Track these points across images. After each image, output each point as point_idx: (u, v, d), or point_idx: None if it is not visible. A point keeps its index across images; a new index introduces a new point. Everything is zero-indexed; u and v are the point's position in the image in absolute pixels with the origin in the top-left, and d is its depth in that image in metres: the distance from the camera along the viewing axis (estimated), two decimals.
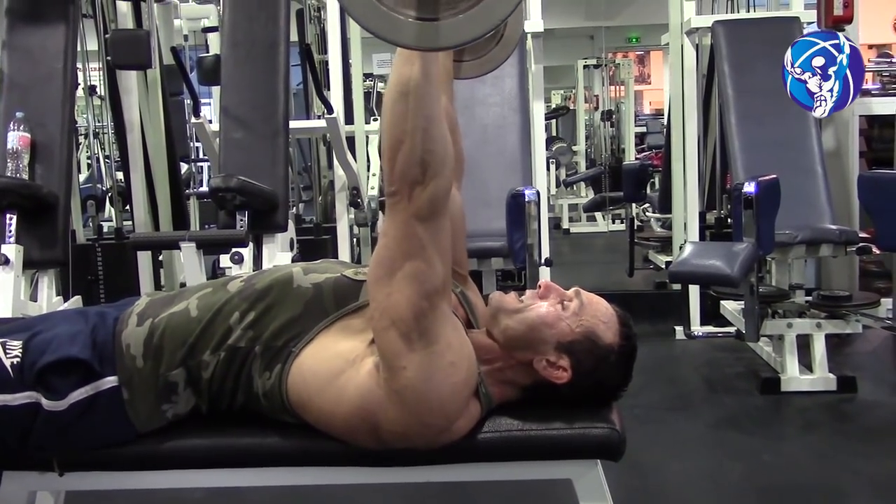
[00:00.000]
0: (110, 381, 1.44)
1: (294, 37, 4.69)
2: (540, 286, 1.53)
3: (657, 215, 6.38)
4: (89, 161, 7.45)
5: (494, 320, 1.52)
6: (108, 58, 3.91)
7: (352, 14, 1.14)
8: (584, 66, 10.75)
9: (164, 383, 1.46)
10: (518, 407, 1.53)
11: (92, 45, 4.66)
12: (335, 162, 4.44)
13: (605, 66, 10.58)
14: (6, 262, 3.13)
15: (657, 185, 7.34)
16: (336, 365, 1.42)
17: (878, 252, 3.85)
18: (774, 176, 3.44)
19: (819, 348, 3.54)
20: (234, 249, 3.29)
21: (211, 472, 1.51)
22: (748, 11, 5.12)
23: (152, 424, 1.48)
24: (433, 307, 1.34)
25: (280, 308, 1.48)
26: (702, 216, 4.78)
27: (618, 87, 10.87)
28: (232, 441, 1.50)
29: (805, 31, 4.45)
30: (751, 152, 4.11)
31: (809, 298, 3.77)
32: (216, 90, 4.79)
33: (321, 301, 1.49)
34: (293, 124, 3.97)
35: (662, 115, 11.77)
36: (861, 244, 3.76)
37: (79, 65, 4.34)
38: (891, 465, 2.81)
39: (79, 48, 4.00)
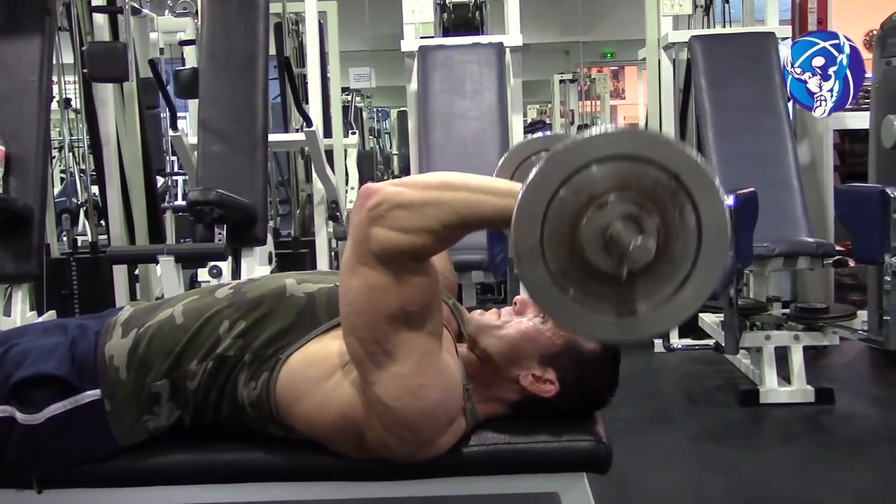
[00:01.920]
0: (91, 394, 1.42)
1: (272, 50, 4.68)
2: (515, 302, 1.53)
3: None
4: (63, 174, 7.38)
5: (475, 340, 1.51)
6: (84, 70, 3.87)
7: (550, 313, 1.16)
8: (560, 81, 10.82)
9: (147, 395, 1.44)
10: (504, 420, 1.52)
11: (68, 57, 4.62)
12: (314, 175, 4.43)
13: (581, 80, 10.66)
14: None
15: None
16: (326, 368, 1.40)
17: (853, 265, 3.88)
18: (752, 189, 3.46)
19: (797, 360, 3.56)
20: (211, 263, 3.26)
21: (194, 487, 1.49)
22: (724, 27, 5.18)
23: (134, 438, 1.46)
24: (396, 331, 1.30)
25: (272, 317, 1.47)
26: None
27: (593, 102, 10.94)
28: (215, 456, 1.48)
29: (780, 47, 4.50)
30: (728, 166, 4.14)
31: (787, 311, 3.79)
32: (193, 103, 4.76)
33: (314, 310, 1.48)
34: (271, 137, 3.95)
35: None
36: (837, 257, 3.79)
37: (54, 77, 4.30)
38: (869, 476, 2.83)
39: (54, 61, 3.97)
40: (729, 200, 3.26)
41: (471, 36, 4.91)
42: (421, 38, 4.87)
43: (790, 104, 4.61)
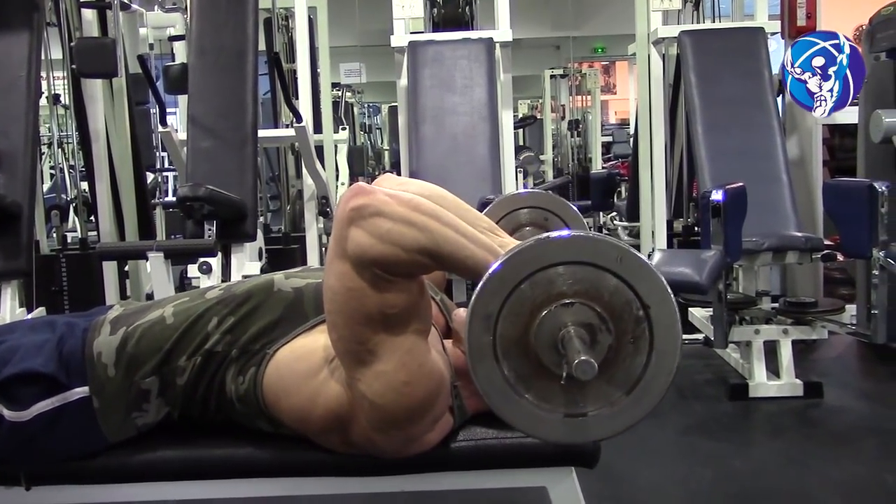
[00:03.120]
0: (79, 391, 1.42)
1: (262, 45, 4.67)
2: None
3: (625, 224, 6.43)
4: (53, 171, 7.35)
5: (461, 335, 1.51)
6: (73, 66, 3.86)
7: (495, 408, 1.16)
8: (551, 76, 10.82)
9: (136, 392, 1.43)
10: (492, 415, 1.52)
11: (56, 53, 4.60)
12: (304, 171, 4.43)
13: (572, 75, 10.66)
14: None
15: (624, 194, 7.39)
16: (314, 362, 1.40)
17: (842, 259, 3.90)
18: (741, 184, 3.47)
19: (786, 354, 3.58)
20: (202, 259, 3.26)
21: (183, 483, 1.49)
22: (714, 22, 5.19)
23: (123, 434, 1.46)
24: (375, 332, 1.29)
25: (259, 312, 1.46)
26: (669, 224, 4.83)
27: (584, 97, 10.95)
28: (204, 452, 1.48)
29: (769, 42, 4.52)
30: (717, 161, 4.15)
31: (775, 305, 3.81)
32: (183, 99, 4.75)
33: (301, 305, 1.48)
34: (261, 133, 3.95)
35: (628, 124, 11.89)
36: (826, 251, 3.81)
37: (43, 73, 4.29)
38: (857, 469, 2.85)
39: (43, 56, 3.95)
40: (718, 196, 3.28)
41: (461, 31, 4.91)
42: (411, 33, 4.87)
43: (779, 99, 4.63)
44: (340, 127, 5.08)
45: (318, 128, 4.69)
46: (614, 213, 6.75)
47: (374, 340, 1.29)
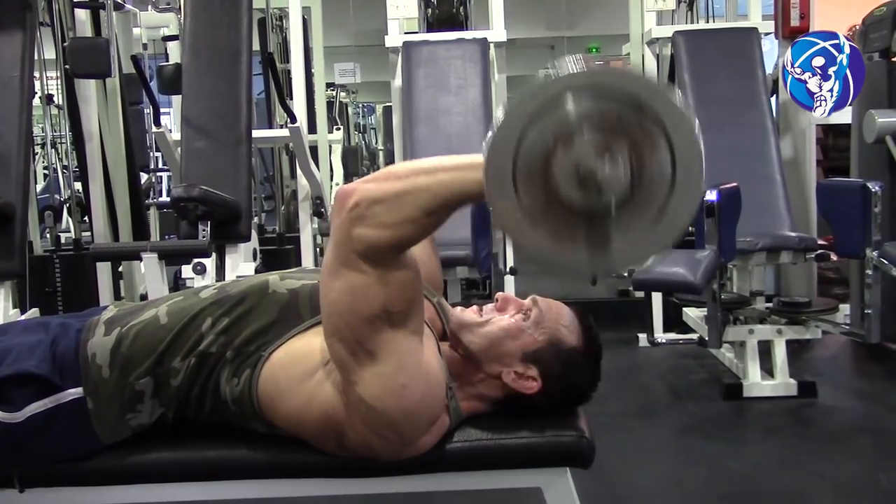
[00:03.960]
0: (73, 392, 1.41)
1: (256, 45, 4.67)
2: (497, 299, 1.53)
3: None
4: (46, 171, 7.33)
5: (457, 337, 1.51)
6: (67, 66, 3.86)
7: (526, 253, 1.14)
8: (545, 69, 10.80)
9: (130, 393, 1.43)
10: (487, 416, 1.52)
11: (49, 53, 4.60)
12: (298, 171, 4.42)
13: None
14: None
15: None
16: (309, 365, 1.40)
17: (836, 259, 3.91)
18: (735, 184, 3.48)
19: (780, 354, 3.58)
20: (196, 260, 3.25)
21: (178, 485, 1.49)
22: (707, 22, 5.19)
23: (117, 435, 1.45)
24: (377, 331, 1.29)
25: (254, 314, 1.46)
26: None
27: None
28: (198, 453, 1.48)
29: (762, 42, 4.53)
30: (711, 161, 4.01)
31: (770, 305, 3.81)
32: (177, 99, 4.74)
33: (296, 307, 1.47)
34: (256, 133, 3.94)
35: None
36: (820, 251, 3.81)
37: (36, 73, 4.28)
38: (851, 468, 2.86)
39: (36, 56, 3.94)
40: (712, 196, 3.29)
41: (455, 31, 4.91)
42: (405, 33, 4.87)
43: (773, 99, 4.64)
44: (335, 127, 5.08)
45: (312, 128, 4.69)
46: None
47: (374, 341, 1.29)
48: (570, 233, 1.12)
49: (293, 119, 3.91)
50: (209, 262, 3.26)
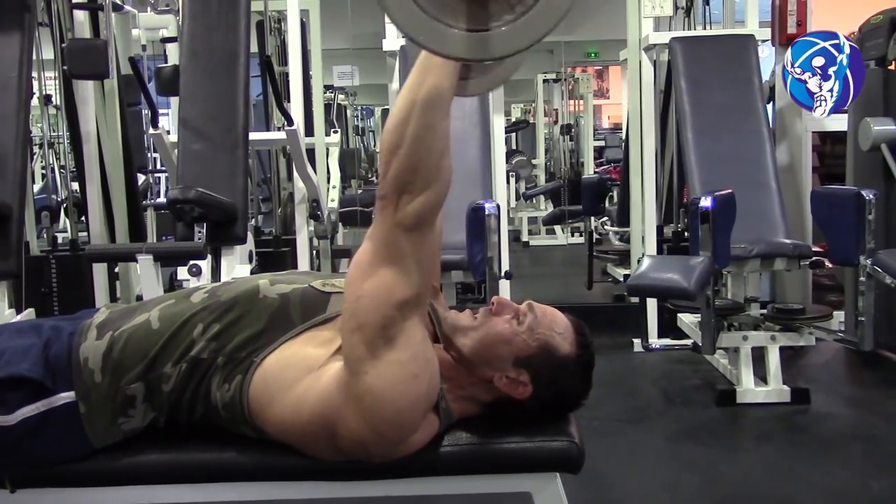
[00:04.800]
0: (65, 396, 1.42)
1: (254, 48, 4.67)
2: (493, 303, 1.54)
3: (615, 229, 6.44)
4: (44, 171, 7.33)
5: (451, 339, 1.52)
6: (65, 67, 3.85)
7: (395, 21, 1.13)
8: (544, 81, 10.81)
9: (122, 397, 1.44)
10: (477, 421, 1.53)
11: (48, 53, 4.59)
12: (295, 174, 4.42)
13: (565, 80, 10.67)
14: None
15: (615, 199, 7.40)
16: (299, 371, 1.41)
17: (830, 266, 3.92)
18: (730, 191, 3.49)
19: (773, 360, 3.59)
20: (191, 262, 3.25)
21: (168, 487, 1.50)
22: (704, 29, 5.21)
23: (108, 439, 1.46)
24: (403, 317, 1.34)
25: (245, 320, 1.47)
26: (659, 230, 4.84)
27: (577, 102, 10.95)
28: (190, 456, 1.49)
29: (759, 49, 4.54)
30: (707, 167, 4.17)
31: (764, 311, 3.82)
32: (174, 101, 4.74)
33: (287, 312, 1.48)
34: (253, 136, 3.95)
35: (621, 129, 11.87)
36: (814, 258, 3.82)
37: (34, 74, 4.28)
38: (843, 475, 2.87)
39: (34, 57, 3.94)
40: (707, 202, 3.30)
41: None
42: (403, 36, 4.87)
43: (769, 106, 4.65)
44: (332, 130, 5.07)
45: (309, 131, 4.69)
46: (605, 218, 6.76)
47: (398, 327, 1.33)
48: (449, 11, 1.12)
49: (290, 122, 3.91)
50: (205, 264, 3.27)
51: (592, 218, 6.70)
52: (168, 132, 4.05)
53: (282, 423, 1.42)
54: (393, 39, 4.64)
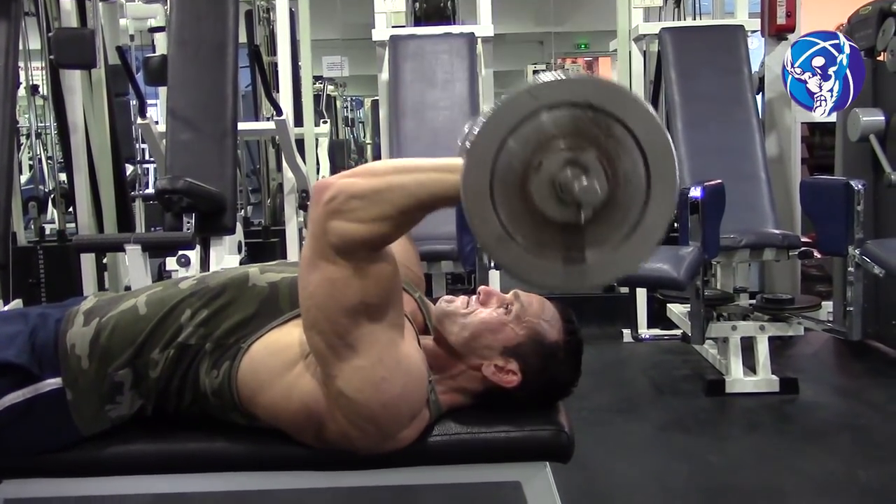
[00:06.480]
0: (51, 383, 1.41)
1: (243, 38, 4.65)
2: (479, 293, 1.53)
3: None
4: (31, 162, 7.30)
5: (439, 329, 1.52)
6: (52, 57, 3.83)
7: (502, 264, 1.15)
8: (534, 72, 10.82)
9: (109, 384, 1.43)
10: (467, 410, 1.53)
11: (34, 43, 4.57)
12: (284, 164, 4.42)
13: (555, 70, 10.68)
14: None
15: None
16: (289, 357, 1.40)
17: (819, 256, 3.93)
18: (720, 181, 3.50)
19: (762, 350, 3.60)
20: (180, 252, 3.25)
21: (157, 477, 1.49)
22: (694, 19, 5.21)
23: (96, 427, 1.45)
24: (357, 324, 1.30)
25: (234, 307, 1.46)
26: None
27: None
28: (178, 446, 1.48)
29: (749, 39, 4.55)
30: (696, 158, 4.18)
31: (753, 302, 3.83)
32: (163, 91, 4.72)
33: (276, 300, 1.48)
34: (242, 126, 3.94)
35: None
36: (803, 248, 3.84)
37: (20, 63, 4.25)
38: (831, 464, 2.88)
39: (21, 46, 3.92)
40: (696, 192, 3.30)
41: (443, 25, 4.90)
42: (392, 27, 4.86)
43: (758, 97, 4.65)
44: (322, 120, 5.07)
45: (298, 121, 4.68)
46: None
47: (354, 334, 1.30)
48: (546, 245, 1.14)
49: (279, 112, 3.90)
50: (193, 255, 3.26)
51: None
52: (156, 122, 4.03)
53: (273, 409, 1.41)
54: (382, 30, 4.63)
